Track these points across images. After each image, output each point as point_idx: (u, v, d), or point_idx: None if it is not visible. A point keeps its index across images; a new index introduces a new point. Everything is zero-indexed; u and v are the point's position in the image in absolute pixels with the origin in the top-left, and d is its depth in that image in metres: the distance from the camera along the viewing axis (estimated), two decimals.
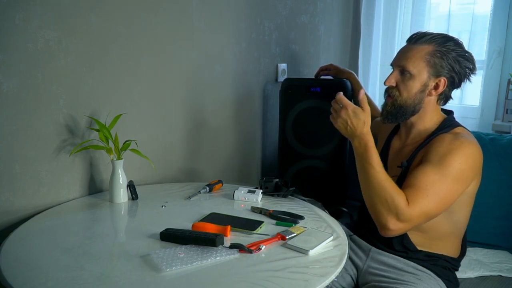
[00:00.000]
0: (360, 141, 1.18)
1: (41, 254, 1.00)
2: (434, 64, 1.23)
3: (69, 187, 1.37)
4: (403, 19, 2.36)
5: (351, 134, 1.19)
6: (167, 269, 0.92)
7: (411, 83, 1.25)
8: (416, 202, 1.12)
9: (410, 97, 1.26)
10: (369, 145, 1.17)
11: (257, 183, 1.52)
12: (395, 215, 1.12)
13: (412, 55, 1.25)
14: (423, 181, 1.14)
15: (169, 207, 1.32)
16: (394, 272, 1.26)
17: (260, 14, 1.94)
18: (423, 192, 1.13)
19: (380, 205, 1.14)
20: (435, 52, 1.23)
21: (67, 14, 1.28)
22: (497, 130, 2.14)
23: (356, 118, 1.16)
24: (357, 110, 1.16)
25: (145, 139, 1.55)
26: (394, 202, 1.12)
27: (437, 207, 1.15)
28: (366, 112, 1.17)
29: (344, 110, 1.17)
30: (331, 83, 1.83)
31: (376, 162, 1.17)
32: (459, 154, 1.16)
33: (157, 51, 1.55)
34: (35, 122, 1.25)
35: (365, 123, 1.16)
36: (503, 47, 2.13)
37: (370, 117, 1.18)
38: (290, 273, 0.93)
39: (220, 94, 1.83)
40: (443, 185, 1.14)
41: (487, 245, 1.62)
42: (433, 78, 1.25)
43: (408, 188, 1.15)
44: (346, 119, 1.17)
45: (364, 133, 1.17)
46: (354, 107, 1.17)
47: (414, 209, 1.12)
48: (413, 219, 1.13)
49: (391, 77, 1.28)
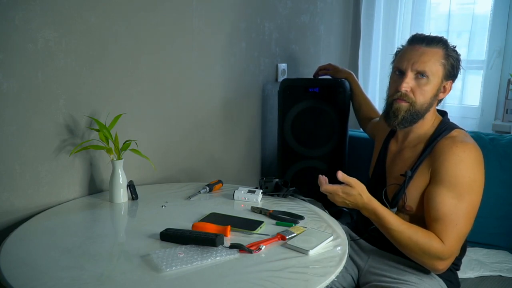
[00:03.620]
0: (367, 210, 1.17)
1: (41, 254, 1.00)
2: (447, 67, 1.23)
3: (69, 187, 1.37)
4: (403, 19, 2.36)
5: (355, 208, 1.18)
6: (167, 269, 0.92)
7: (428, 88, 1.23)
8: (449, 236, 1.13)
9: (426, 101, 1.24)
10: (378, 211, 1.16)
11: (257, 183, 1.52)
12: (438, 258, 1.14)
13: (429, 59, 1.22)
14: (445, 211, 1.15)
15: (169, 207, 1.32)
16: (396, 272, 1.26)
17: (260, 14, 1.94)
18: (450, 223, 1.14)
19: (421, 257, 1.16)
20: (447, 55, 1.23)
21: (67, 14, 1.28)
22: (497, 130, 2.14)
23: (350, 196, 1.14)
24: (346, 190, 1.14)
25: (145, 139, 1.55)
26: (431, 249, 1.13)
27: (467, 226, 1.17)
28: (355, 186, 1.14)
29: (336, 196, 1.15)
30: (329, 83, 1.82)
31: (394, 223, 1.15)
32: (465, 166, 1.16)
33: (157, 51, 1.55)
34: (35, 122, 1.25)
35: (360, 194, 1.14)
36: (503, 47, 2.13)
37: (361, 185, 1.15)
38: (290, 273, 0.93)
39: (220, 94, 1.83)
40: (463, 205, 1.15)
41: (487, 245, 1.62)
42: (444, 81, 1.25)
43: (435, 223, 1.15)
44: (343, 201, 1.16)
45: (366, 202, 1.15)
46: (342, 188, 1.14)
47: (450, 244, 1.14)
48: (454, 251, 1.15)
49: (408, 82, 1.23)
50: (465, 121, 2.20)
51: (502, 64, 2.14)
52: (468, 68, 2.21)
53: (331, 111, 1.79)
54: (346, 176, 1.14)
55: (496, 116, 2.20)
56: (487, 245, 1.62)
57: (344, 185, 1.14)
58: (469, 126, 2.16)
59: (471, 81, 2.25)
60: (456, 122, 1.33)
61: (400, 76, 1.26)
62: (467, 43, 2.18)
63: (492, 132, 2.14)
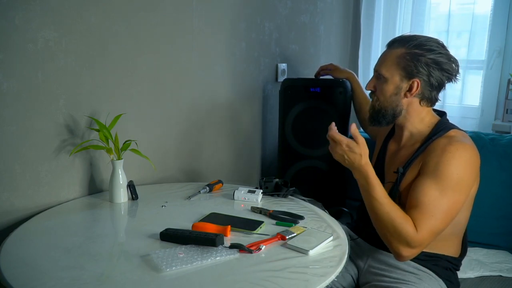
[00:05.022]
0: (360, 173, 1.17)
1: (41, 254, 1.00)
2: (405, 66, 1.24)
3: (69, 187, 1.37)
4: (403, 19, 2.36)
5: (350, 166, 1.18)
6: (167, 269, 0.92)
7: (386, 87, 1.27)
8: (423, 225, 1.13)
9: (386, 100, 1.28)
10: (370, 176, 1.16)
11: (257, 183, 1.52)
12: (406, 243, 1.13)
13: (384, 59, 1.28)
14: (425, 201, 1.14)
15: (169, 207, 1.32)
16: (395, 272, 1.26)
17: (260, 14, 1.94)
18: (427, 213, 1.13)
19: (390, 236, 1.15)
20: (405, 54, 1.24)
21: (67, 14, 1.28)
22: (497, 130, 2.14)
23: (351, 153, 1.15)
24: (351, 144, 1.14)
25: (145, 139, 1.55)
26: (403, 231, 1.12)
27: (444, 223, 1.16)
28: (360, 145, 1.14)
29: (339, 146, 1.16)
30: (330, 83, 1.82)
31: (379, 193, 1.16)
32: (455, 163, 1.16)
33: (157, 51, 1.55)
34: (35, 122, 1.25)
35: (361, 155, 1.14)
36: (503, 47, 2.13)
37: (366, 148, 1.15)
38: (290, 273, 0.93)
39: (220, 94, 1.83)
40: (444, 199, 1.14)
41: (487, 245, 1.62)
42: (405, 80, 1.25)
43: (412, 210, 1.15)
44: (342, 154, 1.16)
45: (362, 165, 1.15)
46: (348, 141, 1.14)
47: (423, 233, 1.13)
48: (424, 242, 1.15)
49: (370, 82, 1.33)
50: (465, 121, 2.20)
51: (502, 64, 2.14)
52: (468, 68, 2.22)
53: (332, 111, 1.79)
54: (358, 132, 1.16)
55: (496, 116, 2.20)
56: (487, 245, 1.62)
57: (351, 140, 1.15)
58: (469, 126, 2.16)
59: (471, 81, 2.25)
60: (456, 122, 1.33)
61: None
62: (467, 43, 2.18)
63: (492, 132, 2.14)
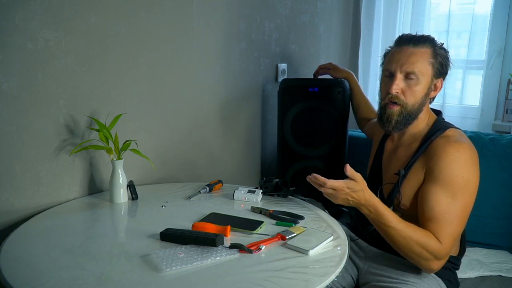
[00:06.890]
0: (367, 208, 1.15)
1: (41, 254, 1.00)
2: (435, 66, 1.24)
3: (69, 187, 1.37)
4: (403, 19, 2.36)
5: (356, 205, 1.15)
6: (167, 269, 0.92)
7: (418, 88, 1.23)
8: (444, 235, 1.13)
9: (417, 101, 1.24)
10: (379, 208, 1.14)
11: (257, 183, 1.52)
12: (435, 257, 1.14)
13: (417, 59, 1.22)
14: (440, 211, 1.14)
15: (169, 207, 1.32)
16: (395, 272, 1.26)
17: (260, 14, 1.94)
18: (445, 222, 1.14)
19: (418, 257, 1.15)
20: (435, 54, 1.24)
21: (67, 14, 1.28)
22: (497, 130, 2.14)
23: (354, 192, 1.11)
24: (351, 185, 1.10)
25: (145, 139, 1.55)
26: (429, 249, 1.12)
27: (461, 225, 1.17)
28: (359, 181, 1.12)
29: (340, 192, 1.11)
30: (329, 83, 1.82)
31: (394, 221, 1.14)
32: (459, 166, 1.16)
33: (157, 51, 1.55)
34: (35, 122, 1.25)
35: (363, 190, 1.12)
36: (503, 47, 2.13)
37: (364, 182, 1.13)
38: (290, 273, 0.93)
39: (220, 94, 1.83)
40: (457, 204, 1.15)
41: (487, 245, 1.62)
42: (434, 80, 1.25)
43: (429, 222, 1.15)
44: (346, 197, 1.12)
45: (368, 199, 1.13)
46: (348, 184, 1.10)
47: (446, 243, 1.13)
48: (449, 250, 1.15)
49: (397, 84, 1.24)
50: (465, 121, 2.20)
51: (502, 64, 2.14)
52: (468, 68, 2.21)
53: (331, 111, 1.79)
54: (353, 171, 1.12)
55: (496, 116, 2.20)
56: (487, 245, 1.62)
57: (348, 180, 1.11)
58: (469, 126, 2.16)
59: (471, 81, 2.25)
60: (456, 122, 1.34)
61: (390, 78, 1.26)
62: (467, 43, 2.18)
63: (492, 132, 2.14)
